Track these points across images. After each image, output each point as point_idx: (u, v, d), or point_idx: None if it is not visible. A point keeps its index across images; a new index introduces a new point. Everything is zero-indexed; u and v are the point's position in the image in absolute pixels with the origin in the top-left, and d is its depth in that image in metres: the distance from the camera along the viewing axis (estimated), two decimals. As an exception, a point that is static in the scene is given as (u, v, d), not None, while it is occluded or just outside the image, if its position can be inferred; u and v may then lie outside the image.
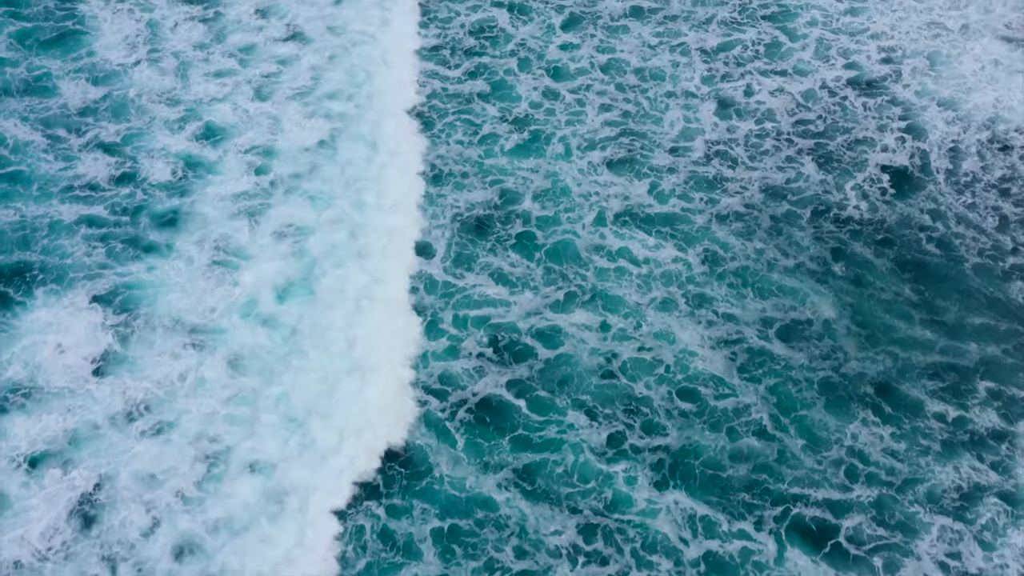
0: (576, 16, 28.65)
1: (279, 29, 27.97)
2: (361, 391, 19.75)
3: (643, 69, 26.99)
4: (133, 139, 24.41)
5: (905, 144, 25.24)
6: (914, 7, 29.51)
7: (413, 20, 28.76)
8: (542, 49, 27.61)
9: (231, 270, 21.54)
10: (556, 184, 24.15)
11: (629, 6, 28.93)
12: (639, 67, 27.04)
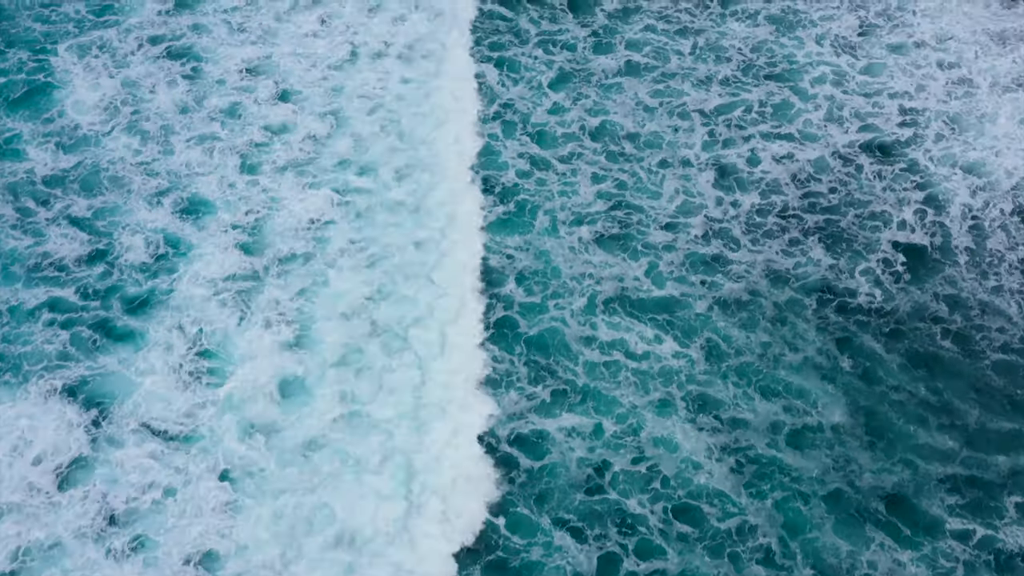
0: (566, 73, 27.52)
1: (269, 89, 26.92)
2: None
3: (638, 134, 25.86)
4: (106, 213, 23.46)
5: (923, 219, 24.14)
6: (940, 61, 28.61)
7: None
8: (528, 111, 26.29)
9: (215, 362, 20.55)
10: (543, 263, 22.90)
11: (624, 62, 27.80)
12: (633, 132, 25.91)
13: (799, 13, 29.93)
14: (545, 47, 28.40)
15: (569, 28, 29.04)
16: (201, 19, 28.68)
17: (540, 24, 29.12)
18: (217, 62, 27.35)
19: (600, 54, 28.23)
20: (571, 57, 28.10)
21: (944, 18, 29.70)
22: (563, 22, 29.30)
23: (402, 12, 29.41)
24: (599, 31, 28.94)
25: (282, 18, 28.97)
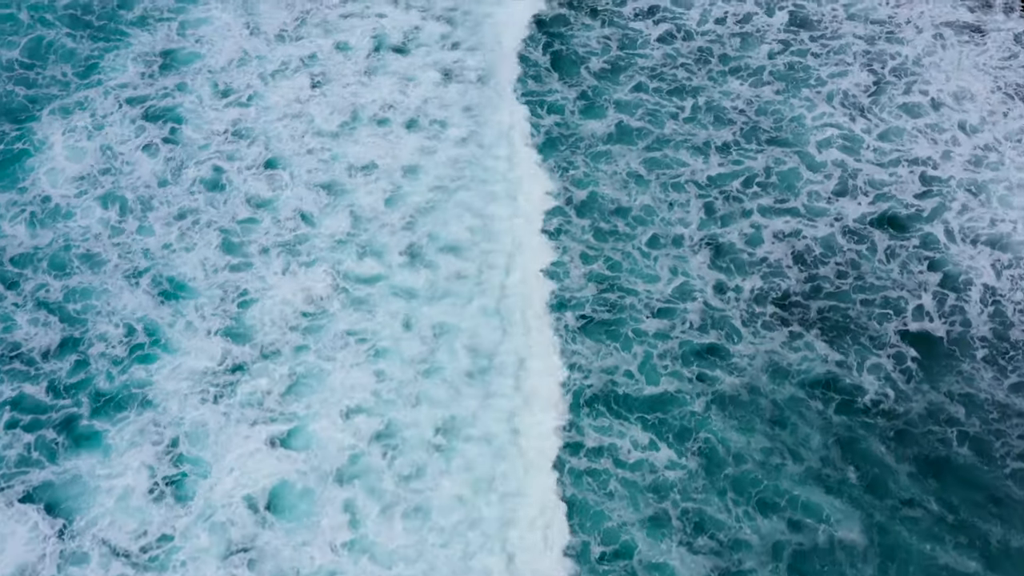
0: (553, 139, 26.36)
1: (255, 155, 26.07)
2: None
3: (628, 209, 24.97)
4: (79, 296, 22.74)
5: (940, 304, 23.08)
6: (962, 122, 27.67)
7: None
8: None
9: (193, 468, 19.75)
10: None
11: (614, 125, 26.81)
12: (624, 206, 25.00)
13: (808, 69, 28.81)
14: (532, 108, 27.30)
15: (556, 88, 27.96)
16: (186, 79, 28.07)
17: (526, 83, 28.00)
18: (200, 126, 26.69)
19: (589, 118, 27.34)
20: (559, 120, 27.02)
21: (963, 74, 28.53)
22: (548, 82, 28.20)
23: (401, 77, 28.43)
24: (588, 91, 28.03)
25: (270, 79, 28.20)
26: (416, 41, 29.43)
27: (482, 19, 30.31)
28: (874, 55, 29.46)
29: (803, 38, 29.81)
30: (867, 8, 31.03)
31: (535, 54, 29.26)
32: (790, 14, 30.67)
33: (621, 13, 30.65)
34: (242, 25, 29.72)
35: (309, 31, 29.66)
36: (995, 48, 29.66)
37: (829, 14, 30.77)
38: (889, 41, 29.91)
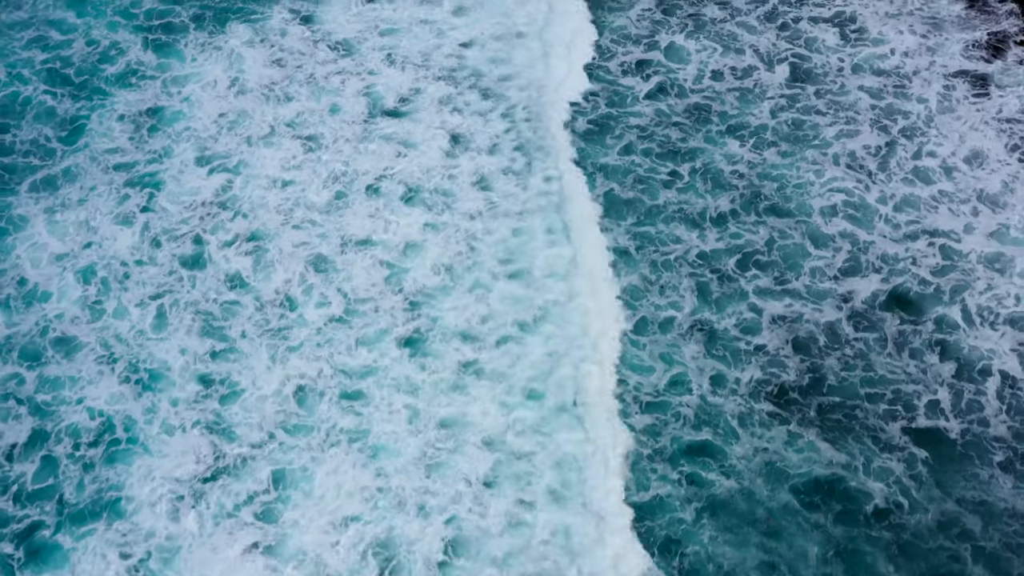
0: (536, 210, 25.16)
1: (238, 229, 24.97)
2: None
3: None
4: (49, 386, 21.84)
5: (956, 399, 21.84)
6: (980, 191, 26.31)
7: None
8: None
9: None
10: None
11: (601, 195, 25.81)
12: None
13: (812, 128, 27.69)
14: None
15: (540, 153, 27.07)
16: (171, 141, 27.21)
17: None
18: (182, 196, 25.73)
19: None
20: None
21: (977, 133, 27.14)
22: (532, 146, 27.37)
23: (398, 142, 27.24)
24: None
25: (257, 143, 27.15)
26: (414, 103, 28.39)
27: (475, 82, 29.36)
28: (882, 111, 28.26)
29: (807, 93, 28.65)
30: (873, 58, 29.95)
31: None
32: (792, 67, 29.71)
33: (608, 68, 29.73)
34: (228, 82, 28.91)
35: (299, 90, 28.79)
36: (1009, 101, 28.37)
37: (834, 65, 29.58)
38: (897, 96, 28.70)
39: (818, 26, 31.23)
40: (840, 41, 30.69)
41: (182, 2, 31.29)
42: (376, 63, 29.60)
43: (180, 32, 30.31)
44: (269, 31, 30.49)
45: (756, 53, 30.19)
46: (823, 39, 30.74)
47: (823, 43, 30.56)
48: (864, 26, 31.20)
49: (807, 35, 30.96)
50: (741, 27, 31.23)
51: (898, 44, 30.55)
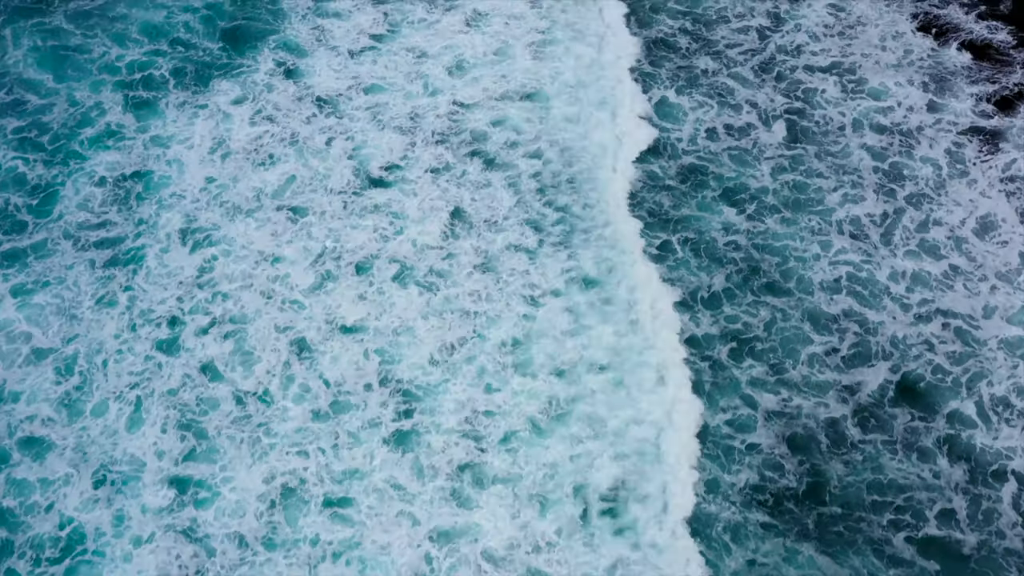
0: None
1: (220, 312, 22.93)
2: None
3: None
4: (14, 489, 19.96)
5: (971, 506, 19.60)
6: (998, 270, 24.06)
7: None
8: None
9: None
10: None
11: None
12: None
13: (818, 192, 25.54)
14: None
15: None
16: (151, 211, 24.99)
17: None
18: (160, 276, 23.47)
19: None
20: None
21: (993, 200, 25.09)
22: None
23: (385, 216, 25.13)
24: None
25: (240, 214, 25.02)
26: (404, 171, 26.16)
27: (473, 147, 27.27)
28: (887, 174, 26.10)
29: (808, 154, 26.48)
30: (875, 113, 27.77)
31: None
32: (790, 124, 27.40)
33: (597, 128, 27.73)
34: (212, 143, 26.75)
35: (285, 152, 26.58)
36: (1021, 159, 26.29)
37: (835, 121, 27.47)
38: (903, 154, 26.56)
39: (816, 76, 28.97)
40: (840, 94, 28.46)
41: (165, 55, 29.20)
42: (363, 123, 27.41)
43: (162, 89, 28.19)
44: (253, 86, 28.38)
45: (753, 108, 27.93)
46: (822, 91, 28.50)
47: (822, 96, 28.32)
48: (864, 77, 28.90)
49: (805, 86, 28.66)
50: (735, 79, 29.00)
51: (902, 97, 28.32)
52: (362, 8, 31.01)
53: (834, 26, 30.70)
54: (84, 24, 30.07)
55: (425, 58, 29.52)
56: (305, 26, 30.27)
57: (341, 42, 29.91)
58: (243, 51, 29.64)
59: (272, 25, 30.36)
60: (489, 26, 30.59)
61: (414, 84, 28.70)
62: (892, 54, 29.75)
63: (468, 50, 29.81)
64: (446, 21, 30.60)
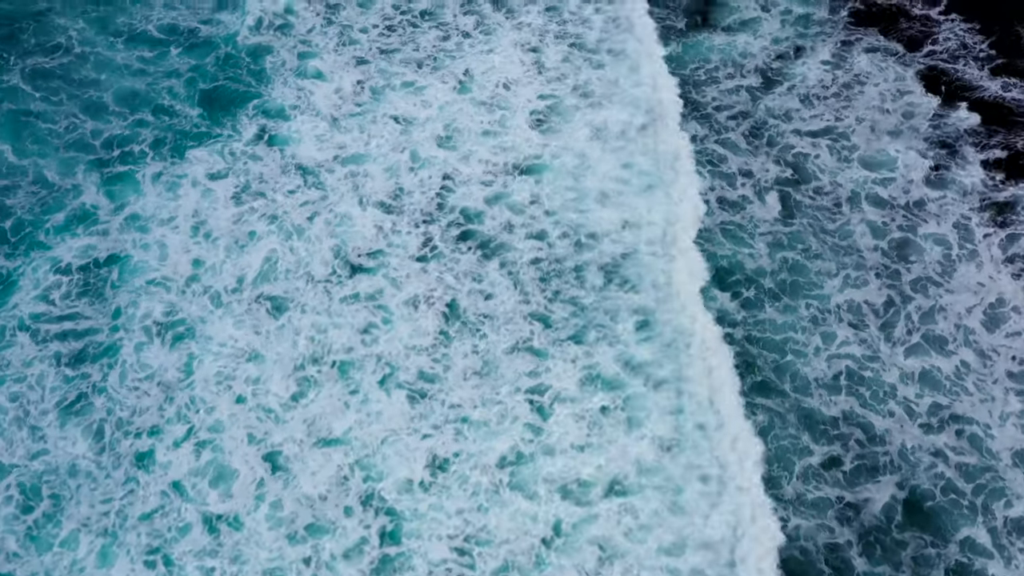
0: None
1: (198, 421, 20.98)
2: None
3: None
4: None
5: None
6: (1016, 373, 22.10)
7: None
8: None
9: None
10: None
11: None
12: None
13: (820, 275, 23.78)
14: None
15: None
16: (126, 300, 22.99)
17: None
18: (132, 383, 21.46)
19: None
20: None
21: (1000, 284, 23.32)
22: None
23: (369, 310, 23.15)
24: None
25: (220, 305, 23.04)
26: (389, 256, 24.16)
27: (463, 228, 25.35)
28: (888, 254, 24.28)
29: (805, 231, 24.66)
30: (874, 185, 25.95)
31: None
32: (784, 197, 25.53)
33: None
34: (193, 221, 24.76)
35: (266, 230, 24.62)
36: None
37: (832, 195, 25.60)
38: (904, 229, 24.75)
39: (808, 143, 27.04)
40: (836, 163, 26.44)
41: (144, 124, 27.19)
42: (347, 198, 25.39)
43: (140, 162, 26.11)
44: (234, 157, 26.40)
45: (745, 179, 26.03)
46: (815, 158, 26.57)
47: (816, 165, 26.39)
48: (858, 144, 26.95)
49: (798, 151, 26.72)
50: (725, 146, 26.93)
51: (903, 166, 26.34)
52: (346, 69, 29.11)
53: (831, 85, 28.83)
54: (45, 87, 28.07)
55: (412, 126, 27.51)
56: (287, 89, 28.39)
57: (324, 106, 27.99)
58: (224, 116, 27.77)
59: (254, 88, 28.52)
60: (483, 90, 28.60)
61: (400, 154, 26.69)
62: (892, 116, 27.96)
63: (460, 117, 27.74)
64: (435, 85, 28.69)
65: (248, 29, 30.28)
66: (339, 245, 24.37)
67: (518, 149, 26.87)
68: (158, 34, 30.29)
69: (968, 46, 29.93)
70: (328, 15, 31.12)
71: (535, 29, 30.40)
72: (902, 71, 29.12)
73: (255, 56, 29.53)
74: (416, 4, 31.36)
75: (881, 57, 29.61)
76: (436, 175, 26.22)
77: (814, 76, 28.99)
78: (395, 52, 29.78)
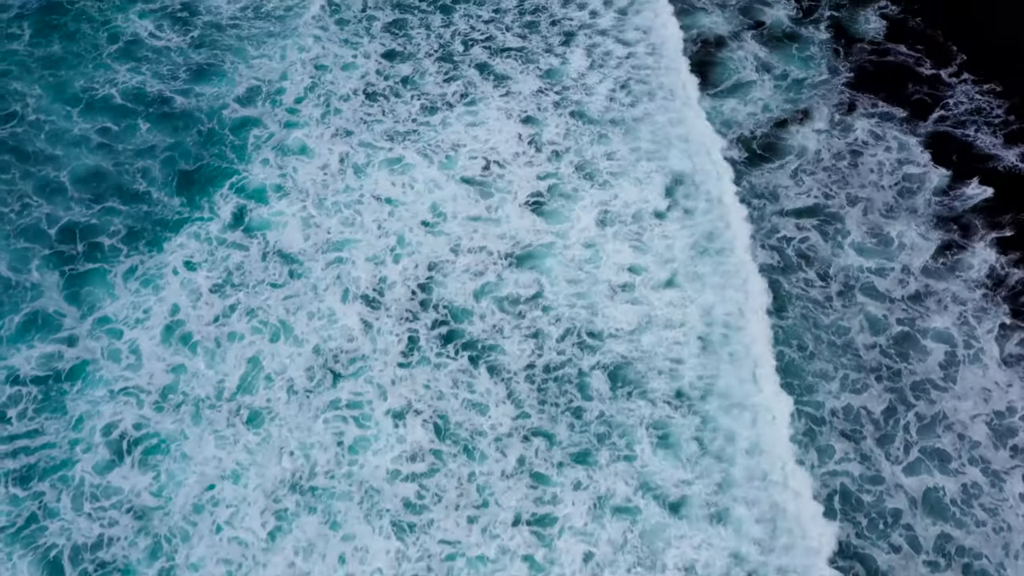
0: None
1: (158, 557, 19.49)
2: None
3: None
4: None
5: None
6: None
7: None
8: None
9: None
10: None
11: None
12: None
13: (817, 377, 22.18)
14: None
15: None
16: (81, 408, 21.50)
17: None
18: (97, 503, 19.98)
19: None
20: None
21: (1011, 393, 21.79)
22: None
23: (350, 426, 21.60)
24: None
25: (197, 420, 21.51)
26: (370, 361, 22.55)
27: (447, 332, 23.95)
28: (887, 352, 22.73)
29: (799, 326, 23.11)
30: (871, 273, 24.27)
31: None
32: (774, 285, 23.80)
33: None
34: (168, 320, 23.11)
35: (246, 326, 23.13)
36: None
37: (824, 283, 24.11)
38: (905, 323, 23.18)
39: (794, 225, 25.27)
40: (827, 249, 24.65)
41: (114, 212, 25.21)
42: (330, 291, 23.72)
43: (109, 257, 24.23)
44: (213, 245, 24.71)
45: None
46: (805, 241, 24.91)
47: (807, 251, 24.64)
48: (850, 228, 25.17)
49: (783, 234, 25.02)
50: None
51: (904, 251, 24.72)
52: (332, 143, 27.46)
53: (825, 158, 26.99)
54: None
55: (398, 207, 25.84)
56: (270, 169, 26.69)
57: (309, 185, 26.31)
58: (203, 199, 26.01)
59: (236, 165, 26.77)
60: (471, 166, 26.71)
61: (386, 239, 25.03)
62: (893, 192, 26.22)
63: (447, 199, 25.98)
64: (419, 162, 26.93)
65: (236, 101, 28.70)
66: (321, 345, 22.86)
67: (512, 235, 25.18)
68: (122, 100, 28.38)
69: (982, 110, 27.98)
70: (315, 77, 29.67)
71: (528, 97, 28.89)
72: (906, 139, 27.41)
73: (239, 130, 27.87)
74: (398, 68, 29.75)
75: (884, 124, 27.85)
76: (422, 263, 24.52)
77: (809, 146, 27.36)
78: (378, 123, 28.16)
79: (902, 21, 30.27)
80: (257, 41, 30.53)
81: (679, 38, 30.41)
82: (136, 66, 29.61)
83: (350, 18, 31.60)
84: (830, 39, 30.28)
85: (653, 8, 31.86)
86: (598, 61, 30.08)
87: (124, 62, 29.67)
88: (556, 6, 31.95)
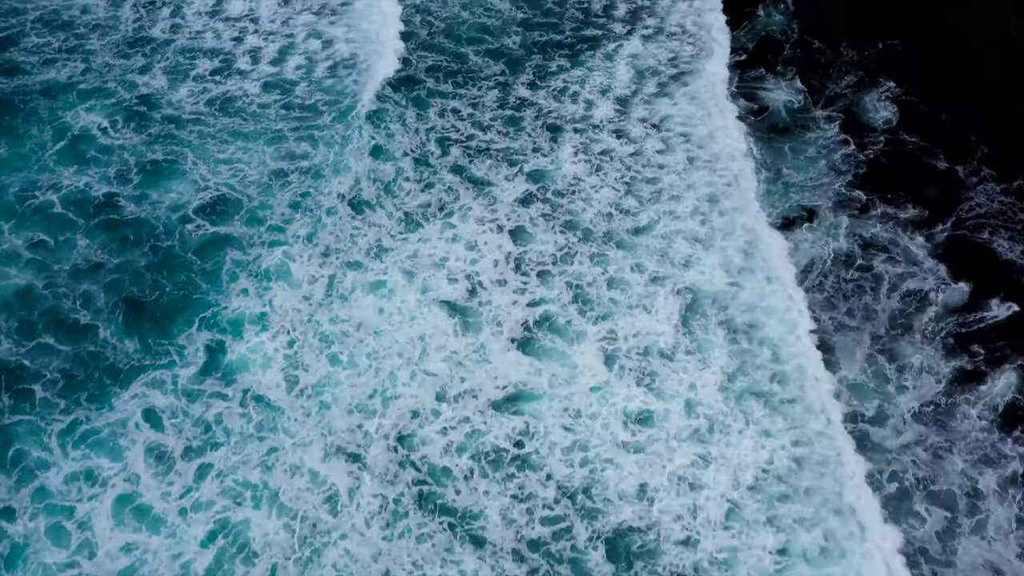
0: None
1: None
2: None
3: None
4: None
5: None
6: None
7: None
8: None
9: None
10: None
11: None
12: None
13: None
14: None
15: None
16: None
17: None
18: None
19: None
20: None
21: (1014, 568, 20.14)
22: None
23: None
24: None
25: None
26: (344, 532, 20.50)
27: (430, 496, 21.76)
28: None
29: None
30: (866, 419, 22.29)
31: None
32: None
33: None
34: (125, 489, 20.68)
35: (215, 497, 20.95)
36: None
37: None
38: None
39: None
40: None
41: (48, 351, 21.87)
42: (311, 448, 21.56)
43: (43, 414, 21.02)
44: (176, 393, 22.06)
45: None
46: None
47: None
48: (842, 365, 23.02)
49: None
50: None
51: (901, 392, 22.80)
52: (307, 266, 24.92)
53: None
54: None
55: (381, 339, 23.48)
56: (243, 297, 24.16)
57: (283, 314, 23.90)
58: (164, 339, 23.08)
59: (205, 295, 24.13)
60: (451, 295, 24.34)
61: (368, 380, 22.74)
62: (876, 322, 23.50)
63: (429, 331, 23.58)
64: (405, 286, 24.58)
65: (196, 212, 25.79)
66: (298, 513, 20.85)
67: (500, 376, 22.89)
68: (62, 208, 25.07)
69: (1005, 213, 25.24)
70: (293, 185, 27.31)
71: (514, 207, 26.58)
72: (916, 250, 25.10)
73: (206, 251, 25.14)
74: (381, 173, 27.44)
75: (894, 228, 25.55)
76: (405, 410, 22.29)
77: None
78: (360, 236, 25.71)
79: (914, 105, 27.53)
80: (220, 140, 28.10)
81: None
82: (83, 168, 26.42)
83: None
84: (838, 131, 27.64)
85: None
86: (595, 162, 27.68)
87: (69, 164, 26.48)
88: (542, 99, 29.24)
